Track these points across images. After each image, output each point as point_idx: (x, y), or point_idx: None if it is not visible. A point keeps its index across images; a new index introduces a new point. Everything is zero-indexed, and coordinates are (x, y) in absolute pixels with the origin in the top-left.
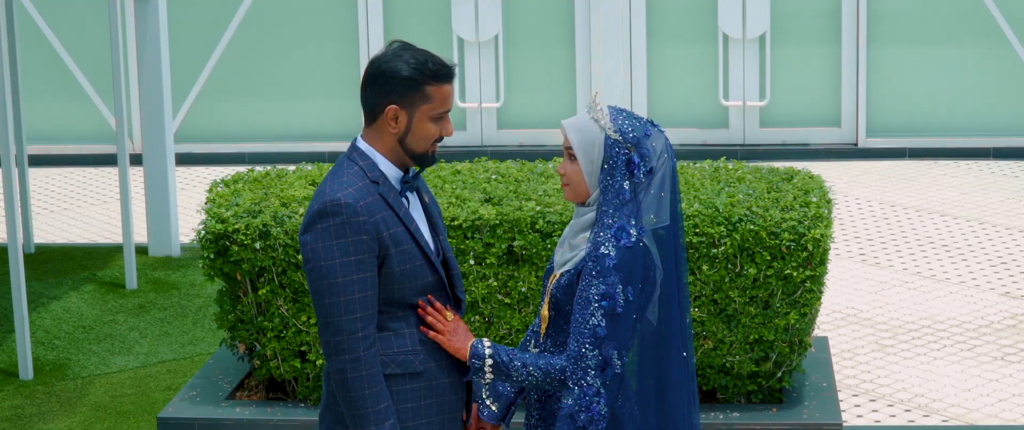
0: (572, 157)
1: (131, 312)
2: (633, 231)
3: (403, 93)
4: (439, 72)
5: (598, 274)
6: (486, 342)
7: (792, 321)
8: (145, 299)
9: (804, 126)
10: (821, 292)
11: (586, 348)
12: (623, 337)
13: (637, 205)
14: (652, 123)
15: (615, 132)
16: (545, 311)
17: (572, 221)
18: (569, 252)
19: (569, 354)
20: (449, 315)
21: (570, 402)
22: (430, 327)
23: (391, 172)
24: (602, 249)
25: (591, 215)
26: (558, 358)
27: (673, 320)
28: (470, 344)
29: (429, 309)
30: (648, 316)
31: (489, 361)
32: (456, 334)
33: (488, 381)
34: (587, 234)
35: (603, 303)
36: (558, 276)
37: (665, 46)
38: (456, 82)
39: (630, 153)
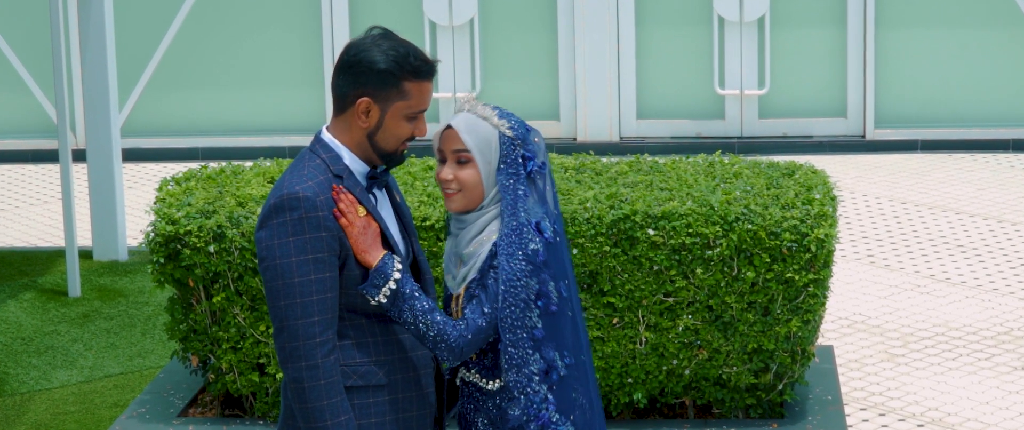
0: (462, 161)
1: (74, 322)
2: (548, 224)
3: (378, 86)
4: (420, 68)
5: (531, 273)
6: (398, 264)
7: (794, 329)
8: (89, 308)
9: (807, 117)
10: (825, 297)
11: (527, 353)
12: (562, 335)
13: (541, 198)
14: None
15: (508, 128)
16: None
17: (454, 236)
18: (464, 267)
19: (504, 347)
20: (361, 210)
21: (518, 413)
22: (342, 214)
23: (356, 166)
24: (532, 245)
25: (483, 218)
26: (455, 327)
27: (580, 321)
28: (382, 256)
29: (342, 196)
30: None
31: (392, 285)
32: (366, 233)
33: (378, 302)
34: (482, 236)
35: (539, 303)
36: (463, 293)
37: (655, 30)
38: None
39: (521, 149)
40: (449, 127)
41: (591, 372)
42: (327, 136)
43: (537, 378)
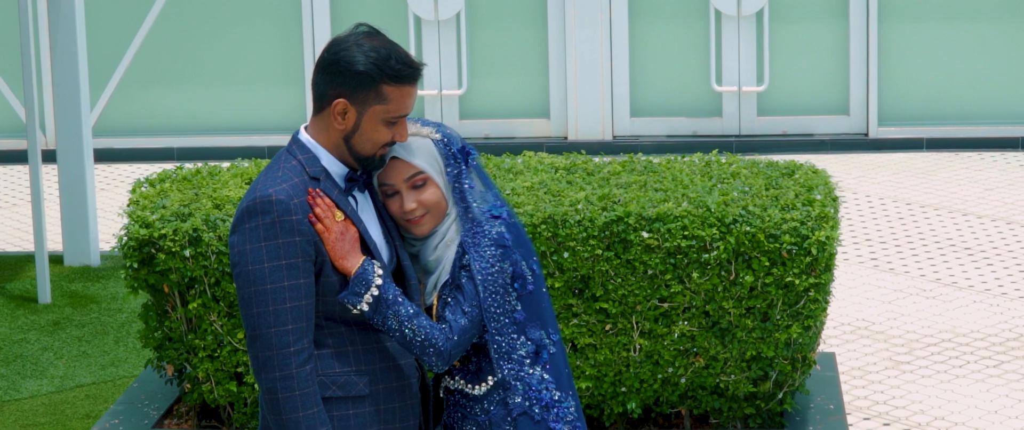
0: (418, 185)
1: (44, 330)
2: (502, 207)
3: (355, 88)
4: (401, 72)
5: (503, 256)
6: (379, 269)
7: (794, 335)
8: (60, 315)
9: (807, 114)
10: (827, 302)
11: (513, 338)
12: (544, 313)
13: (489, 186)
14: None
15: (435, 133)
16: None
17: (414, 255)
18: (432, 274)
19: (491, 338)
20: (339, 215)
21: (519, 400)
22: (318, 219)
23: (335, 168)
24: (496, 230)
25: (443, 226)
26: (441, 331)
27: None
28: (361, 261)
29: (318, 200)
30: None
31: (374, 291)
32: (344, 239)
33: (360, 311)
34: (446, 239)
35: (515, 285)
36: (437, 301)
37: (650, 24)
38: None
39: (451, 146)
40: (398, 157)
41: None
42: (305, 136)
43: (528, 361)
